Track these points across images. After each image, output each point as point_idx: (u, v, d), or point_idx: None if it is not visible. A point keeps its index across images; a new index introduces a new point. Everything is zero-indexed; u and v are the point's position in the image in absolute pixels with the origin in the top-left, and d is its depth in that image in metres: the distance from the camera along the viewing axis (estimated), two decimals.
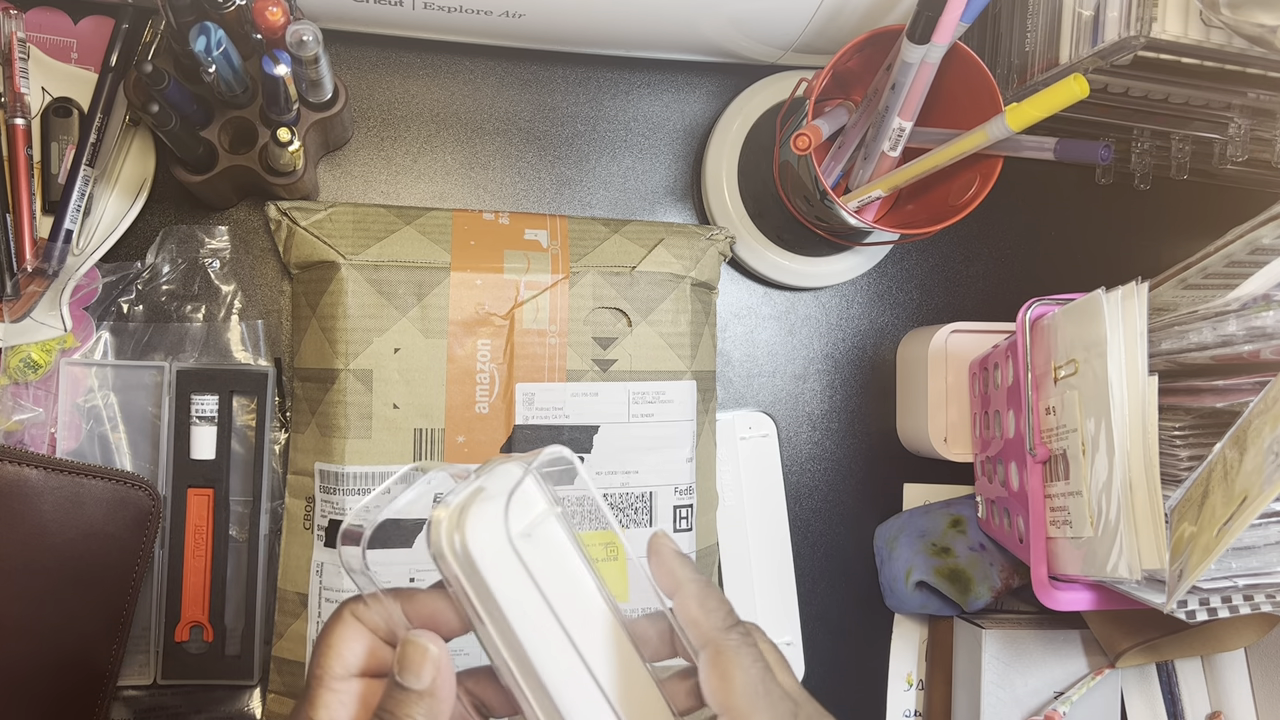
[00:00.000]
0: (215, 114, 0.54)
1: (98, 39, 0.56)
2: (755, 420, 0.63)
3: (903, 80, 0.52)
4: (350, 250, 0.54)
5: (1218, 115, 0.63)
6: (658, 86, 0.65)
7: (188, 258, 0.58)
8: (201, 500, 0.56)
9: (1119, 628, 0.59)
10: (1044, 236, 0.69)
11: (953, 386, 0.62)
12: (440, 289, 0.54)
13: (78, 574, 0.52)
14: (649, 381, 0.57)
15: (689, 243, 0.58)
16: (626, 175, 0.65)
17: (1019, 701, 0.60)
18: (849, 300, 0.67)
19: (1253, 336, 0.41)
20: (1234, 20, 0.52)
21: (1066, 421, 0.49)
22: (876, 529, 0.65)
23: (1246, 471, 0.39)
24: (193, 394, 0.56)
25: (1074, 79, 0.48)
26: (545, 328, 0.55)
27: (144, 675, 0.56)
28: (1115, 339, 0.46)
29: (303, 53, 0.48)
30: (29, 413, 0.54)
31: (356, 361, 0.54)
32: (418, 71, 0.62)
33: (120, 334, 0.56)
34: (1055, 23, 0.59)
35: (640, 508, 0.57)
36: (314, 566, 0.55)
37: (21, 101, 0.54)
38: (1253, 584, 0.44)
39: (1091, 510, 0.47)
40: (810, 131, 0.51)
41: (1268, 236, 0.43)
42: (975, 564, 0.60)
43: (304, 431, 0.55)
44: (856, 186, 0.58)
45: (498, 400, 0.55)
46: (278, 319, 0.60)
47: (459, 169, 0.63)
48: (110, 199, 0.56)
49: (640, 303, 0.57)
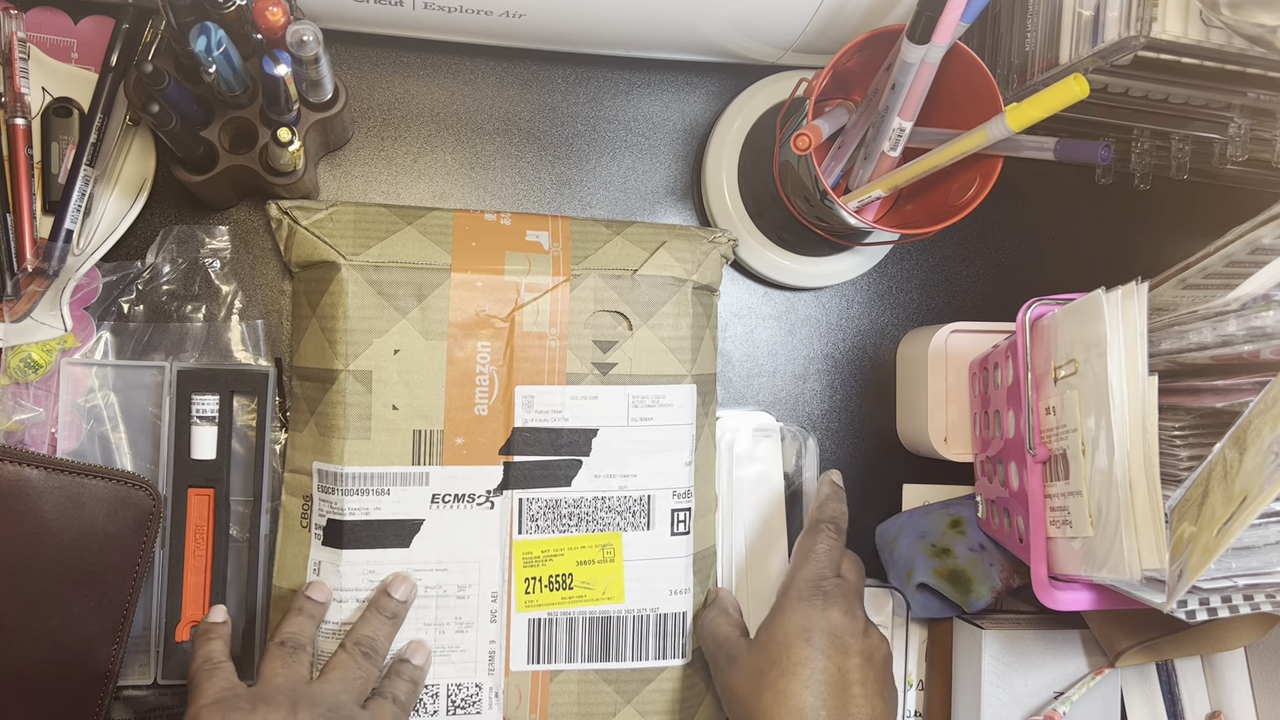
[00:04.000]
0: (215, 114, 0.54)
1: (98, 39, 0.56)
2: (757, 419, 0.63)
3: (903, 80, 0.52)
4: (351, 251, 0.54)
5: (1218, 115, 0.63)
6: (658, 86, 0.65)
7: (188, 258, 0.58)
8: (202, 500, 0.56)
9: (1119, 627, 0.59)
10: (1044, 236, 0.69)
11: (953, 386, 0.62)
12: (440, 290, 0.54)
13: (78, 574, 0.52)
14: (649, 385, 0.57)
15: (691, 245, 0.58)
16: (626, 175, 0.65)
17: (1019, 701, 0.60)
18: (849, 300, 0.67)
19: (1253, 336, 0.41)
20: (1234, 20, 0.52)
21: (1066, 421, 0.49)
22: (877, 529, 0.65)
23: (1246, 471, 0.39)
24: (193, 394, 0.56)
25: (1074, 79, 0.48)
26: (545, 330, 0.55)
27: (144, 675, 0.56)
28: (1115, 339, 0.46)
29: (303, 53, 0.48)
30: (29, 413, 0.55)
31: (356, 362, 0.54)
32: (418, 71, 0.62)
33: (121, 334, 0.56)
34: (1055, 23, 0.59)
35: (638, 511, 0.57)
36: (311, 565, 0.55)
37: (22, 101, 0.54)
38: (1253, 584, 0.44)
39: (1091, 510, 0.47)
40: (810, 131, 0.51)
41: (1268, 236, 0.43)
42: (975, 564, 0.60)
43: (302, 430, 0.55)
44: (856, 186, 0.58)
45: (497, 402, 0.55)
46: (278, 319, 0.60)
47: (459, 169, 0.63)
48: (110, 199, 0.56)
49: (641, 306, 0.57)
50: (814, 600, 0.53)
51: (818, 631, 0.52)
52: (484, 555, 0.55)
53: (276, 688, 0.48)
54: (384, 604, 0.53)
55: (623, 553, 0.57)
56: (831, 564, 0.56)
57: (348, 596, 0.54)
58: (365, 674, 0.51)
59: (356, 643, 0.52)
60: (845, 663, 0.51)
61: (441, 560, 0.55)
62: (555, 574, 0.56)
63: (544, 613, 0.56)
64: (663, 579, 0.57)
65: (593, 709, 0.56)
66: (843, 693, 0.51)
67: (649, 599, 0.57)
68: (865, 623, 0.53)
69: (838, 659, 0.51)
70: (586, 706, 0.56)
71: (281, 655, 0.50)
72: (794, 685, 0.50)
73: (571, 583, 0.56)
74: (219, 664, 0.49)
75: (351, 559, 0.54)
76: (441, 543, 0.55)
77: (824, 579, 0.54)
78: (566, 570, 0.56)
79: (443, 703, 0.55)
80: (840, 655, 0.51)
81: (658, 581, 0.57)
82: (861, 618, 0.53)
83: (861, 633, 0.53)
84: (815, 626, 0.52)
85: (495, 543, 0.55)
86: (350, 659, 0.51)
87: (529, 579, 0.56)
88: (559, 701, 0.56)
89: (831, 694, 0.50)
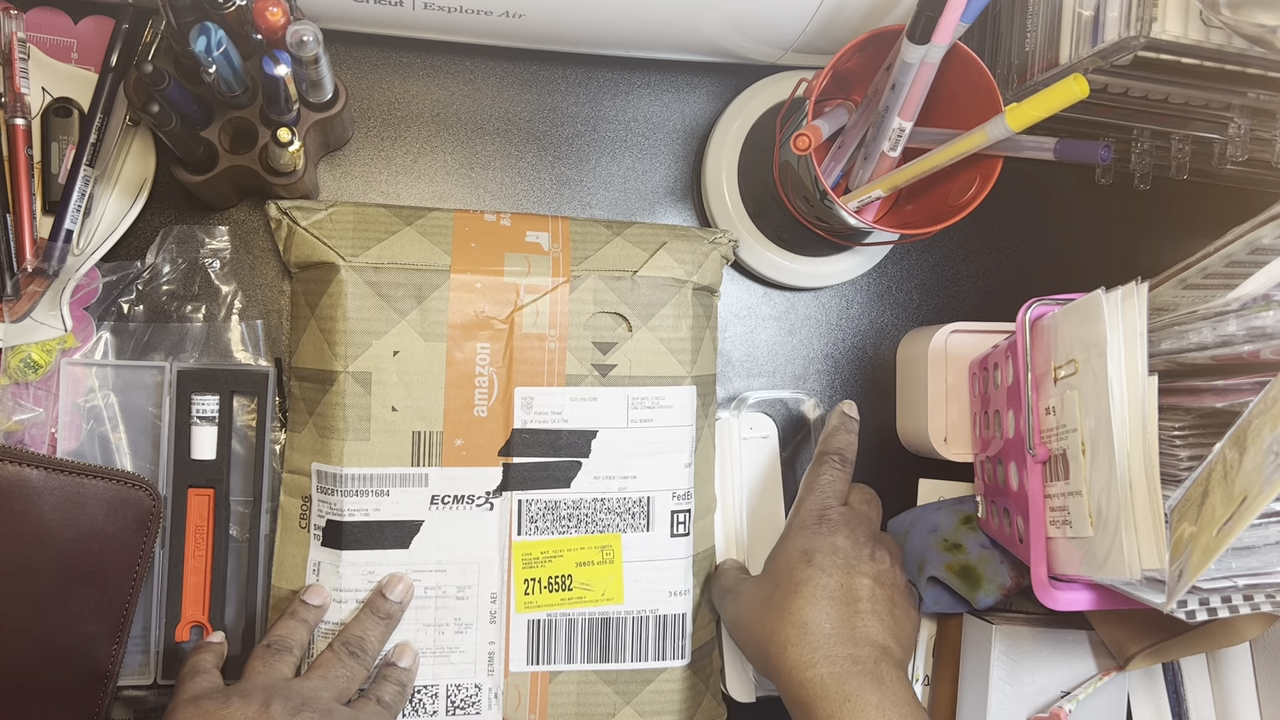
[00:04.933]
0: (215, 114, 0.54)
1: (98, 39, 0.56)
2: (755, 420, 0.63)
3: (903, 80, 0.52)
4: (350, 252, 0.54)
5: (1218, 115, 0.63)
6: (658, 86, 0.65)
7: (188, 258, 0.58)
8: (202, 500, 0.56)
9: (1126, 631, 0.59)
10: (1044, 236, 0.69)
11: (953, 386, 0.62)
12: (440, 292, 0.54)
13: (78, 574, 0.52)
14: (648, 387, 0.57)
15: (691, 246, 0.58)
16: (626, 175, 0.65)
17: (1026, 699, 0.60)
18: (849, 300, 0.67)
19: (1253, 336, 0.41)
20: (1234, 20, 0.52)
21: (1066, 421, 0.49)
22: (888, 523, 0.65)
23: (1246, 471, 0.39)
24: (193, 394, 0.56)
25: (1074, 79, 0.48)
26: (545, 332, 0.55)
27: (144, 675, 0.56)
28: (1115, 339, 0.46)
29: (303, 53, 0.48)
30: (29, 413, 0.55)
31: (355, 364, 0.54)
32: (418, 71, 0.62)
33: (120, 334, 0.56)
34: (1055, 23, 0.59)
35: (638, 513, 0.57)
36: (310, 565, 0.55)
37: (22, 101, 0.54)
38: (1253, 584, 0.44)
39: (1091, 510, 0.47)
40: (810, 131, 0.51)
41: (1268, 236, 0.43)
42: (986, 561, 0.60)
43: (301, 431, 0.55)
44: (856, 186, 0.58)
45: (496, 404, 0.55)
46: (278, 319, 0.60)
47: (459, 169, 0.63)
48: (110, 199, 0.56)
49: (641, 307, 0.57)
50: (817, 528, 0.53)
51: (819, 553, 0.52)
52: (483, 556, 0.55)
53: (255, 684, 0.48)
54: (378, 605, 0.53)
55: (622, 554, 0.57)
56: (836, 494, 0.56)
57: (347, 597, 0.54)
58: (350, 673, 0.51)
59: (345, 642, 0.52)
60: (851, 581, 0.51)
61: (441, 561, 0.55)
62: (555, 575, 0.56)
63: (543, 614, 0.56)
64: (662, 580, 0.57)
65: (592, 710, 0.56)
66: (848, 607, 0.50)
67: (648, 600, 0.57)
68: (872, 548, 0.53)
69: (841, 577, 0.51)
70: (586, 707, 0.56)
71: (265, 655, 0.50)
72: (798, 601, 0.50)
73: (571, 584, 0.56)
74: (204, 670, 0.50)
75: (351, 560, 0.54)
76: (441, 544, 0.55)
77: (828, 509, 0.55)
78: (566, 571, 0.56)
79: (442, 703, 0.55)
80: (844, 574, 0.51)
81: (657, 583, 0.57)
82: (867, 543, 0.53)
83: (868, 556, 0.52)
84: (817, 549, 0.52)
85: (495, 544, 0.55)
86: (335, 657, 0.51)
87: (528, 580, 0.56)
88: (558, 702, 0.56)
89: (836, 608, 0.50)
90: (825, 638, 0.49)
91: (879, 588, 0.51)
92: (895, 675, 0.49)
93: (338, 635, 0.52)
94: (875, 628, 0.50)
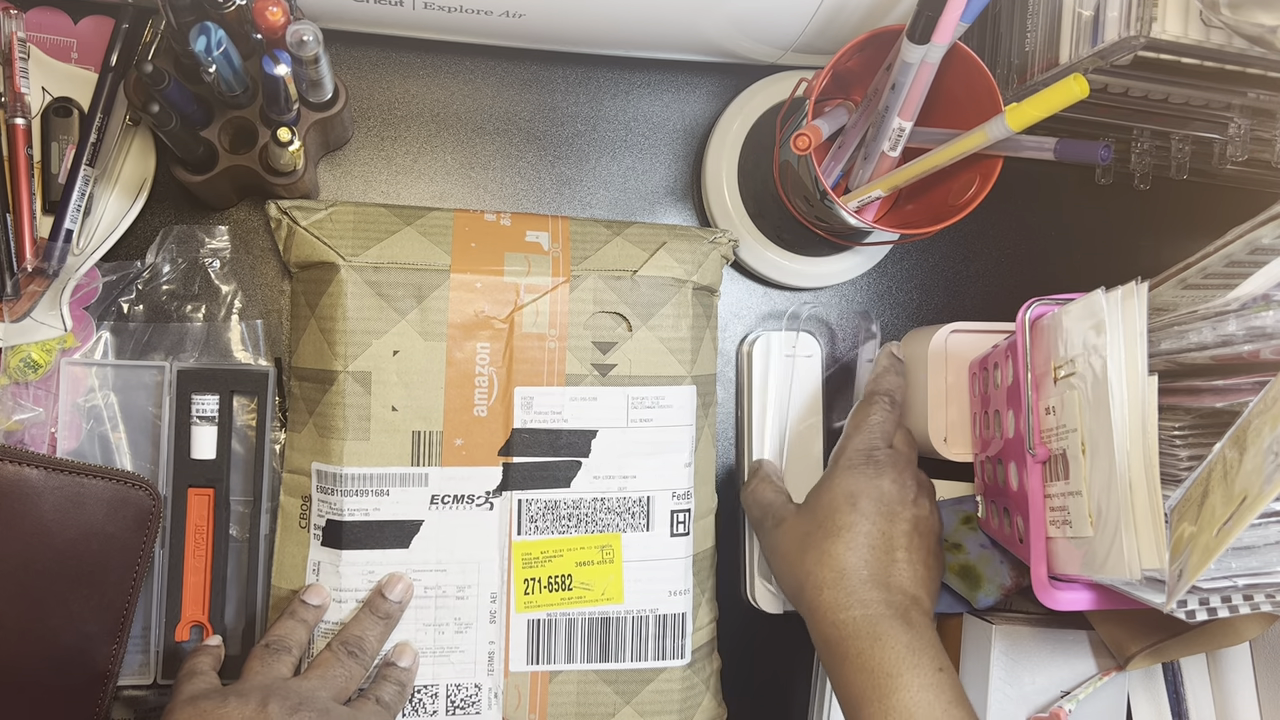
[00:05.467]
0: (215, 114, 0.54)
1: (98, 39, 0.56)
2: (801, 341, 0.63)
3: (903, 80, 0.52)
4: (350, 252, 0.54)
5: (1218, 115, 0.63)
6: (658, 86, 0.65)
7: (188, 257, 0.58)
8: (202, 500, 0.56)
9: (1126, 631, 0.59)
10: (1044, 236, 0.69)
11: (953, 386, 0.62)
12: (440, 291, 0.54)
13: (78, 574, 0.52)
14: (648, 387, 0.57)
15: (691, 246, 0.58)
16: (626, 175, 0.65)
17: (1026, 699, 0.60)
18: (849, 300, 0.67)
19: (1253, 336, 0.41)
20: (1234, 20, 0.52)
21: (1066, 421, 0.49)
22: None
23: (1246, 471, 0.39)
24: (193, 394, 0.56)
25: (1074, 79, 0.48)
26: (545, 331, 0.55)
27: (144, 675, 0.56)
28: (1115, 339, 0.46)
29: (303, 53, 0.48)
30: (29, 413, 0.55)
31: (355, 364, 0.54)
32: (418, 71, 0.62)
33: (120, 334, 0.56)
34: (1055, 23, 0.59)
35: (637, 512, 0.57)
36: (310, 565, 0.55)
37: (22, 101, 0.54)
38: (1252, 584, 0.44)
39: (1091, 510, 0.47)
40: (810, 131, 0.51)
41: (1268, 236, 0.43)
42: (986, 561, 0.60)
43: (301, 431, 0.55)
44: (856, 186, 0.58)
45: (496, 403, 0.55)
46: (278, 319, 0.60)
47: (459, 169, 0.63)
48: (110, 199, 0.56)
49: (641, 307, 0.57)
50: (864, 469, 0.54)
51: (865, 497, 0.53)
52: (483, 556, 0.55)
53: (252, 684, 0.48)
54: (377, 604, 0.53)
55: (622, 554, 0.57)
56: (884, 435, 0.56)
57: (347, 597, 0.54)
58: (349, 672, 0.51)
59: (343, 642, 0.52)
60: (890, 528, 0.52)
61: (441, 561, 0.55)
62: (554, 575, 0.56)
63: (543, 613, 0.56)
64: (662, 580, 0.57)
65: (592, 709, 0.56)
66: (886, 555, 0.52)
67: (648, 600, 0.57)
68: (915, 492, 0.54)
69: (883, 524, 0.52)
70: (586, 707, 0.56)
71: (264, 655, 0.50)
72: (838, 546, 0.52)
73: (571, 584, 0.56)
74: (201, 672, 0.50)
75: (351, 559, 0.54)
76: (441, 543, 0.55)
77: (875, 449, 0.55)
78: (566, 571, 0.56)
79: (442, 703, 0.55)
80: (886, 521, 0.52)
81: (657, 582, 0.57)
82: (911, 487, 0.54)
83: (911, 501, 0.53)
84: (863, 492, 0.53)
85: (494, 544, 0.55)
86: (334, 657, 0.51)
87: (528, 580, 0.56)
88: (558, 702, 0.56)
89: (875, 556, 0.52)
90: (861, 583, 0.51)
91: (916, 535, 0.53)
92: (924, 622, 0.51)
93: (337, 635, 0.53)
94: (909, 577, 0.52)
